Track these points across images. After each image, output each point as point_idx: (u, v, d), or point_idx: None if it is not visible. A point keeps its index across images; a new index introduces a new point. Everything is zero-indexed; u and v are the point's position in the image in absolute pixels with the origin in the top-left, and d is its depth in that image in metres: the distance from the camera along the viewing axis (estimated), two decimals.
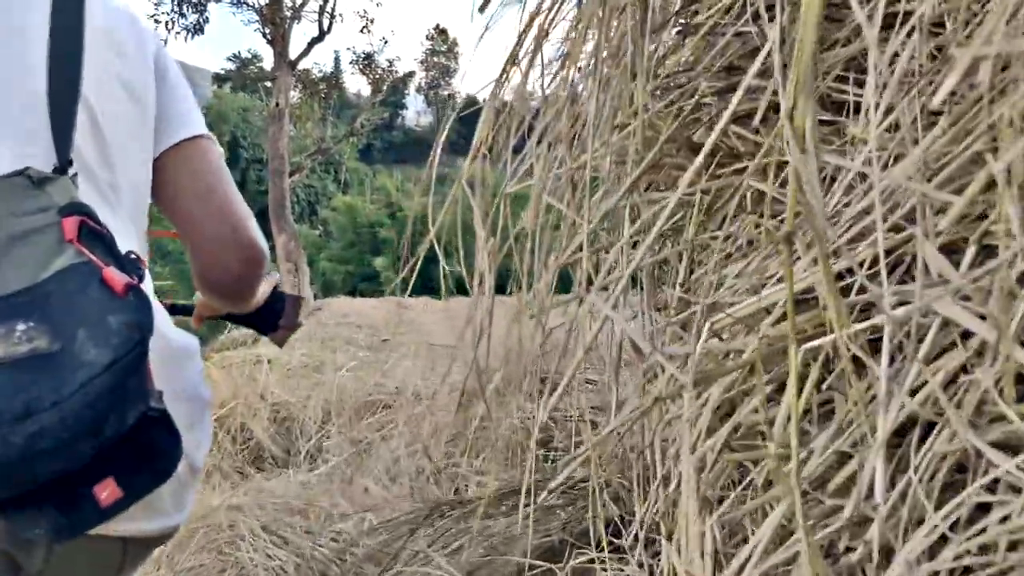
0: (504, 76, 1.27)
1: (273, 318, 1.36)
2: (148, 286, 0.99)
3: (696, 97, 1.17)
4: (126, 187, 1.06)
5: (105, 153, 1.02)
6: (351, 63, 19.12)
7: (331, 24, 16.01)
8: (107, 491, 0.83)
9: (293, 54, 15.57)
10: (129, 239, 1.03)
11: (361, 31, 17.59)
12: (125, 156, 1.06)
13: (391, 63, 19.60)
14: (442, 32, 78.00)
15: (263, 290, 1.29)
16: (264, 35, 15.47)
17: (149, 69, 1.11)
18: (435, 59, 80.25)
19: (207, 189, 1.13)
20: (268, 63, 19.89)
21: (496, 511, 2.30)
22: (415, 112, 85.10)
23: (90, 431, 0.79)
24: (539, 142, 1.29)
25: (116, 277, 0.84)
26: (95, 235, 0.88)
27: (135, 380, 0.83)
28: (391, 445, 3.43)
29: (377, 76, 19.02)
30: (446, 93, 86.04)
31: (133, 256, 0.90)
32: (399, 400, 4.45)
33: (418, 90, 80.00)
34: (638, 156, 1.10)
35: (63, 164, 0.94)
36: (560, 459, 2.87)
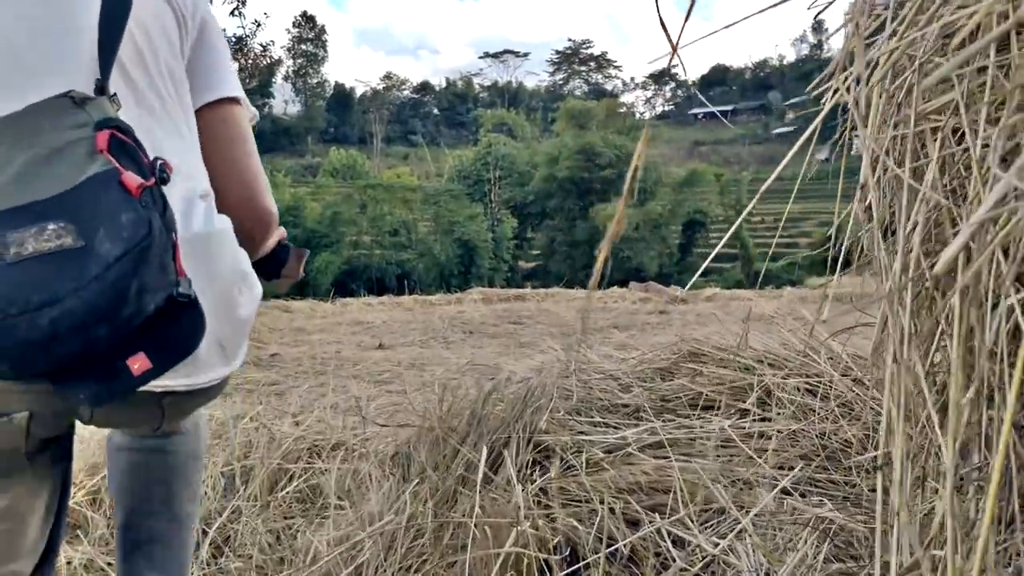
0: None
1: (277, 267, 1.52)
2: (187, 189, 1.21)
3: None
4: (172, 104, 1.24)
5: (149, 74, 1.21)
6: None
7: None
8: (138, 363, 1.00)
9: None
10: (179, 143, 1.24)
11: (232, 13, 16.27)
12: (167, 81, 1.24)
13: (265, 48, 18.29)
14: (309, 19, 75.79)
15: (269, 244, 1.49)
16: None
17: (188, 25, 1.29)
18: (302, 47, 78.02)
19: (232, 154, 1.33)
20: None
21: None
22: (282, 101, 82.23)
23: (105, 315, 0.93)
24: None
25: (131, 180, 0.98)
26: (122, 145, 1.02)
27: (151, 269, 0.97)
28: (326, 542, 2.54)
29: (251, 61, 17.69)
30: (314, 81, 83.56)
31: (160, 162, 1.03)
32: (325, 457, 3.53)
33: (285, 79, 77.41)
34: None
35: (101, 87, 1.11)
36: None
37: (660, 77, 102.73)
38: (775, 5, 1.03)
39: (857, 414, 2.88)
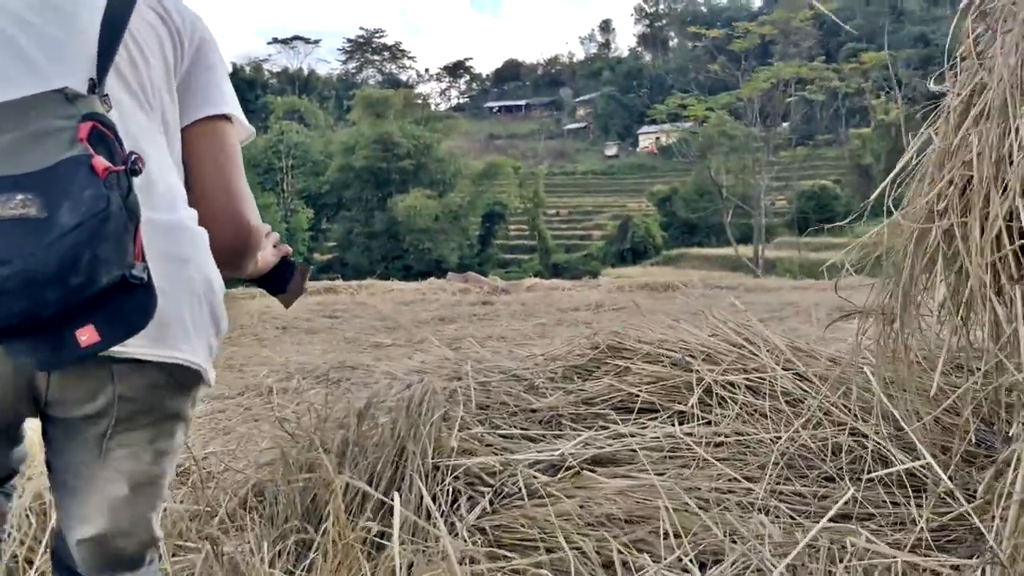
0: None
1: (282, 283, 1.59)
2: (168, 188, 1.28)
3: None
4: (156, 115, 1.32)
5: (140, 82, 1.29)
6: None
7: None
8: (86, 335, 1.04)
9: None
10: (160, 150, 1.30)
11: None
12: (153, 93, 1.32)
13: None
14: None
15: (270, 260, 1.55)
16: None
17: (184, 46, 1.38)
18: None
19: (217, 168, 1.39)
20: None
21: None
22: None
23: (54, 278, 0.99)
24: None
25: (100, 163, 1.04)
26: (102, 137, 1.09)
27: (106, 243, 1.02)
28: None
29: None
30: None
31: (135, 156, 1.09)
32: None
33: None
34: None
35: (93, 86, 1.20)
36: None
37: (455, 69, 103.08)
38: None
39: (800, 412, 2.55)
